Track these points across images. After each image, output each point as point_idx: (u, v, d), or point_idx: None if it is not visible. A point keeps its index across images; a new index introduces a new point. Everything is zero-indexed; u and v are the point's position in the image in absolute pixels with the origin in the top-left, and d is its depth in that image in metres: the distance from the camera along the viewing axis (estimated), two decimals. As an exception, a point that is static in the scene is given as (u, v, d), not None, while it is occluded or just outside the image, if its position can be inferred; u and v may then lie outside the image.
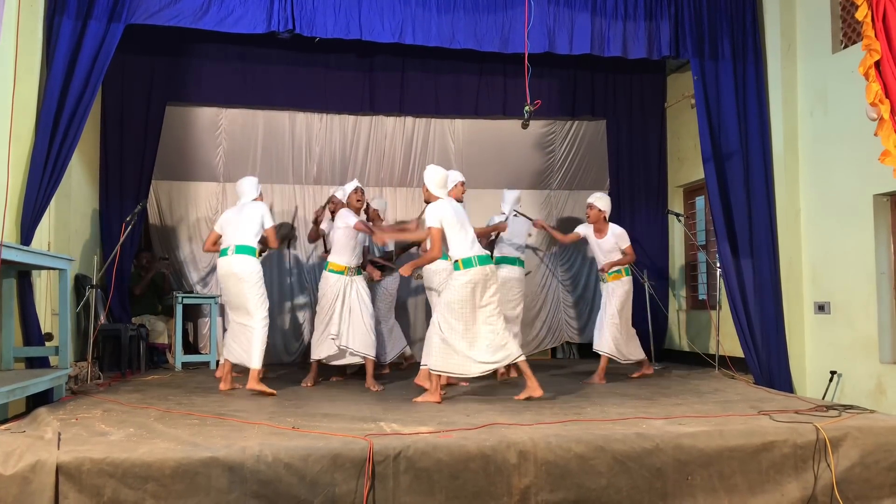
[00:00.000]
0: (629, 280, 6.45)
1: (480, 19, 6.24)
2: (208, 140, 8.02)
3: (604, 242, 6.46)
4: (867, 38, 4.60)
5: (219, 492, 3.34)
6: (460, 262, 5.09)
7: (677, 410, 4.61)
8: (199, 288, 7.98)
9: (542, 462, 3.64)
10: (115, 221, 7.11)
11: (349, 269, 6.02)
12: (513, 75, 7.94)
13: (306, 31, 5.97)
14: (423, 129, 8.41)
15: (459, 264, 5.09)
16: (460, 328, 5.04)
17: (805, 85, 6.33)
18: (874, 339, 5.60)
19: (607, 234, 6.45)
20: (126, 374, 6.54)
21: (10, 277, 5.02)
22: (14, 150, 5.02)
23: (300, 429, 3.90)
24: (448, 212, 5.17)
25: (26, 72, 5.18)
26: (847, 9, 5.92)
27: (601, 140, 8.70)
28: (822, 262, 6.12)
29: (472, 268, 5.05)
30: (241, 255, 5.58)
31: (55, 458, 3.28)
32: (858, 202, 5.73)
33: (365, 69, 8.07)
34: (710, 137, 6.47)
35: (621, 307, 6.38)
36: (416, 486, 3.51)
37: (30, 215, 5.19)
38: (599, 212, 6.46)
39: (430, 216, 5.14)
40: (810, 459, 3.92)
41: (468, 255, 5.08)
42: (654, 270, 8.08)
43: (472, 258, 5.07)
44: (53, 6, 5.47)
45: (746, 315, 6.27)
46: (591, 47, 6.35)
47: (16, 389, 4.18)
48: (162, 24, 5.75)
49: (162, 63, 7.68)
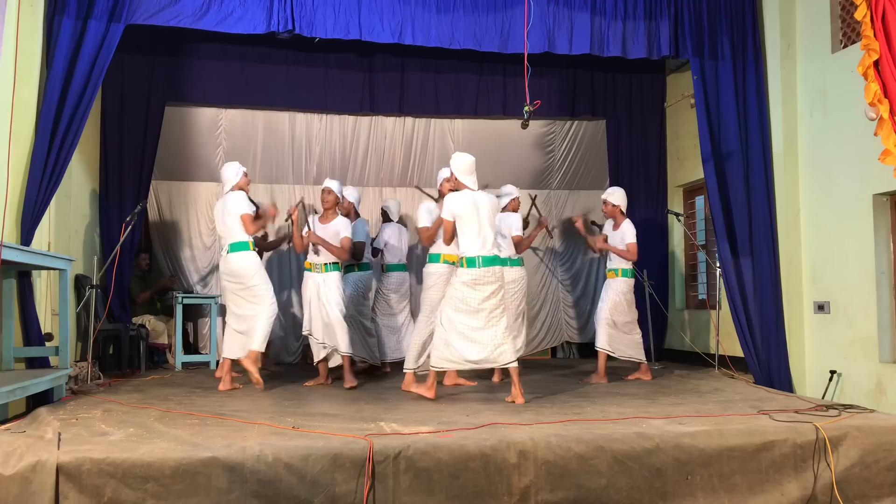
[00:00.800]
0: (625, 281, 6.35)
1: (480, 19, 6.24)
2: (208, 140, 8.02)
3: (614, 236, 6.43)
4: (866, 37, 4.60)
5: (219, 492, 3.35)
6: (464, 260, 5.06)
7: (677, 410, 4.61)
8: (199, 288, 7.99)
9: (542, 462, 3.64)
10: (115, 221, 7.13)
11: (315, 266, 6.04)
12: (512, 75, 7.95)
13: (306, 31, 5.97)
14: (423, 129, 8.41)
15: (464, 262, 5.06)
16: (458, 324, 5.03)
17: (805, 85, 6.33)
18: (874, 339, 5.60)
19: (620, 228, 6.42)
20: (126, 374, 6.54)
21: (10, 277, 5.02)
22: (14, 150, 5.03)
23: (300, 429, 3.90)
24: (464, 205, 5.07)
25: (26, 72, 5.18)
26: (846, 9, 5.92)
27: (601, 140, 8.70)
28: (821, 261, 6.13)
29: (474, 268, 5.01)
30: (234, 253, 5.61)
31: (55, 459, 3.28)
32: (858, 202, 5.73)
33: (364, 69, 8.07)
34: (709, 137, 6.47)
35: (613, 305, 6.32)
36: (416, 486, 3.52)
37: (30, 215, 5.19)
38: (614, 206, 6.44)
39: (445, 207, 5.14)
40: (810, 459, 3.92)
41: (473, 254, 5.04)
42: (654, 270, 8.07)
43: (477, 258, 5.02)
44: (53, 6, 5.47)
45: (746, 314, 6.28)
46: (591, 47, 6.35)
47: (16, 389, 4.19)
48: (162, 24, 5.75)
49: (162, 63, 7.68)
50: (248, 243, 5.65)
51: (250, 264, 5.61)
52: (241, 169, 5.89)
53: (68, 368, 5.24)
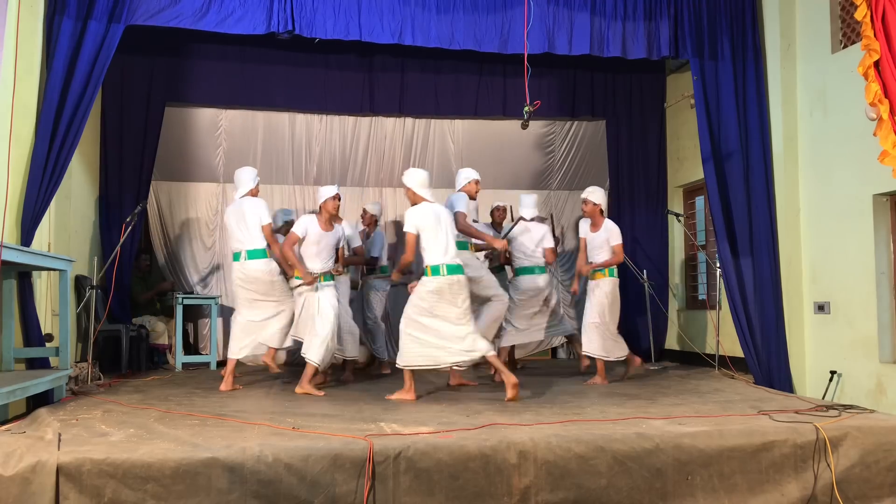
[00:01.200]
0: (612, 281, 6.17)
1: (480, 20, 6.24)
2: (208, 141, 8.02)
3: (596, 237, 6.27)
4: (866, 37, 4.60)
5: (219, 492, 3.35)
6: (429, 269, 5.20)
7: (677, 410, 4.61)
8: (200, 289, 7.99)
9: (542, 462, 3.64)
10: (115, 222, 7.13)
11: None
12: (512, 75, 7.95)
13: (306, 32, 5.98)
14: (423, 130, 8.42)
15: (428, 271, 5.20)
16: (423, 326, 5.17)
17: (805, 85, 6.33)
18: (874, 339, 5.60)
19: (600, 229, 6.26)
20: (126, 375, 6.54)
21: (10, 278, 5.02)
22: (14, 150, 5.03)
23: (300, 429, 3.90)
24: (426, 217, 5.23)
25: (26, 72, 5.18)
26: (846, 9, 5.92)
27: (601, 140, 8.70)
28: (821, 261, 6.13)
29: (438, 276, 5.15)
30: (252, 260, 5.65)
31: (55, 459, 3.28)
32: (858, 202, 5.73)
33: (364, 70, 8.08)
34: (709, 137, 6.47)
35: (602, 309, 6.14)
36: (416, 487, 3.52)
37: (30, 216, 5.19)
38: (595, 205, 6.26)
39: (407, 221, 5.26)
40: (810, 459, 3.92)
41: (437, 262, 5.17)
42: (654, 270, 8.08)
43: (441, 266, 5.16)
44: (53, 7, 5.47)
45: (746, 315, 6.27)
46: (591, 48, 6.35)
47: (16, 390, 4.18)
48: (162, 24, 5.76)
49: (162, 64, 7.69)
50: (266, 252, 5.68)
51: (269, 270, 5.68)
52: (257, 177, 5.93)
53: (68, 369, 5.24)
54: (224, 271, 8.11)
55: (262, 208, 5.73)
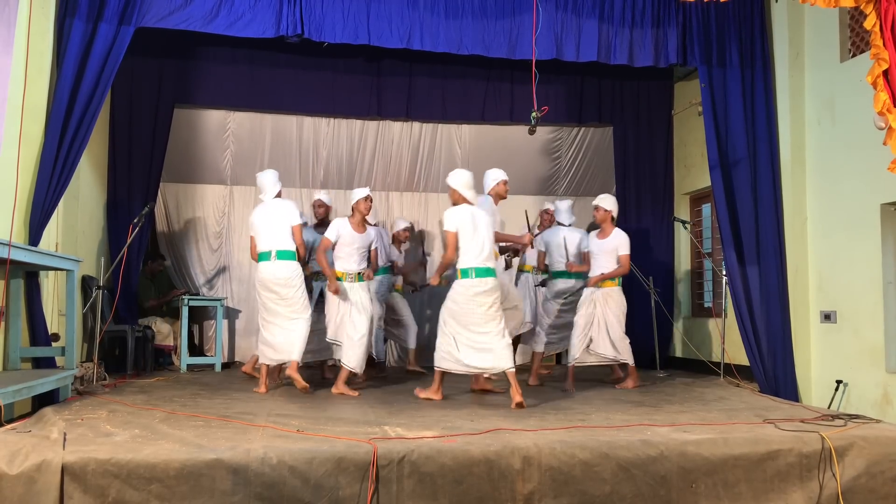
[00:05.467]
0: (621, 291, 6.34)
1: (488, 25, 6.25)
2: (216, 143, 8.05)
3: (604, 244, 6.30)
4: (875, 47, 4.58)
5: (223, 494, 3.35)
6: (459, 271, 5.31)
7: (682, 418, 4.60)
8: (205, 290, 8.01)
9: (546, 468, 3.63)
10: (123, 223, 7.14)
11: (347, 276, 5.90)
12: (520, 81, 7.97)
13: (315, 36, 6.00)
14: (430, 135, 8.44)
15: (459, 274, 5.32)
16: (454, 328, 5.29)
17: (813, 93, 6.32)
18: (881, 349, 5.58)
19: (609, 237, 6.30)
20: (131, 376, 6.56)
21: (17, 278, 5.04)
22: (24, 151, 5.06)
23: (305, 432, 3.90)
24: (464, 218, 5.31)
25: (37, 73, 5.22)
26: (855, 18, 5.91)
27: (608, 146, 8.70)
28: (828, 270, 6.11)
29: (468, 279, 5.26)
30: (282, 260, 5.69)
31: (60, 459, 3.29)
32: (865, 211, 5.71)
33: (372, 74, 8.09)
34: (716, 145, 6.46)
35: (622, 320, 6.27)
36: (419, 491, 3.51)
37: (38, 216, 5.22)
38: (606, 212, 6.34)
39: (448, 220, 5.34)
40: (815, 468, 3.90)
41: (468, 265, 5.27)
42: (660, 277, 8.06)
43: (470, 270, 5.25)
44: (64, 9, 5.50)
45: (752, 323, 6.25)
46: (598, 55, 6.35)
47: (22, 389, 4.20)
48: (171, 27, 5.79)
49: (170, 66, 7.72)
50: (295, 254, 5.74)
51: (297, 275, 5.73)
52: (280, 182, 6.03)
53: (74, 369, 5.26)
54: (230, 273, 8.13)
55: (293, 209, 5.85)
